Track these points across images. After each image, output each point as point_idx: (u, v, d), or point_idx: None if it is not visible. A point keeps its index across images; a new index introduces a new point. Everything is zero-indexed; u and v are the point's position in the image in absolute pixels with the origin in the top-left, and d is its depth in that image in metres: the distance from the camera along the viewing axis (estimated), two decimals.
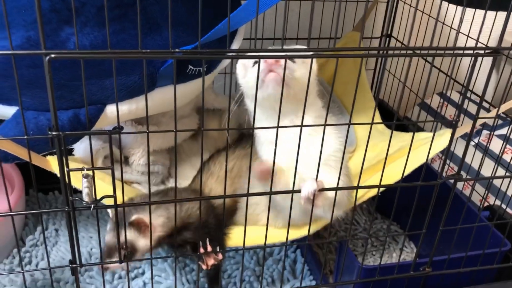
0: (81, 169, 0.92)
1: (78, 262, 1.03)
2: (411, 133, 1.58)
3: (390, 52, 1.04)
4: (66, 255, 1.82)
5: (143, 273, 1.75)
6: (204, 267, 1.24)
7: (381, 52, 1.49)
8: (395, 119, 1.09)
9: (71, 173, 1.16)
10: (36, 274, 1.70)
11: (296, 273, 1.78)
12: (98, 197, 0.94)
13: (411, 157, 1.11)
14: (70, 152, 1.52)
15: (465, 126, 1.20)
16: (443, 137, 1.25)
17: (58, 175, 1.13)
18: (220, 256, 1.21)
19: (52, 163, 1.21)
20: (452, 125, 1.12)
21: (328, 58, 1.91)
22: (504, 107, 1.20)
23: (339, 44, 2.06)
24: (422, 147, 1.30)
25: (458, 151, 1.87)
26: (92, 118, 1.15)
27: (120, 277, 1.73)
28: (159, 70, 1.17)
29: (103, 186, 1.20)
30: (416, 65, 2.01)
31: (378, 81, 2.22)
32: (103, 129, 1.51)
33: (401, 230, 1.97)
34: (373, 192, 1.32)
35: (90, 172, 0.93)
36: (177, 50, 0.88)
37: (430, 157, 1.21)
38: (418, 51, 1.03)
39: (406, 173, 1.16)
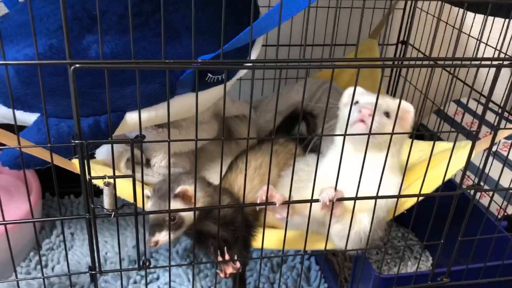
0: (103, 177, 0.92)
1: (97, 269, 1.03)
2: (430, 142, 1.58)
3: (412, 62, 1.03)
4: (82, 259, 1.84)
5: (157, 278, 1.76)
6: (222, 275, 1.25)
7: (403, 62, 1.47)
8: (415, 130, 1.08)
9: (94, 171, 1.18)
10: (52, 278, 1.72)
11: (310, 280, 1.78)
12: (119, 204, 0.95)
13: (433, 173, 1.11)
14: (92, 155, 1.53)
15: (485, 140, 1.19)
16: (464, 150, 1.23)
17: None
18: (238, 265, 1.21)
19: (77, 166, 1.22)
20: (473, 136, 1.11)
21: (349, 68, 1.90)
22: None
23: (354, 52, 2.04)
24: (443, 163, 1.27)
25: (476, 160, 1.86)
26: (112, 125, 1.16)
27: (135, 282, 1.74)
28: (179, 79, 1.17)
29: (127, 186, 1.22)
30: (433, 73, 2.00)
31: (397, 90, 2.20)
32: (125, 137, 1.53)
33: (416, 238, 1.96)
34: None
35: (111, 180, 0.94)
36: (199, 60, 0.88)
37: (452, 173, 1.21)
38: (440, 62, 1.02)
39: (428, 190, 1.17)
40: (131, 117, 1.20)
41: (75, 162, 1.23)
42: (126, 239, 1.93)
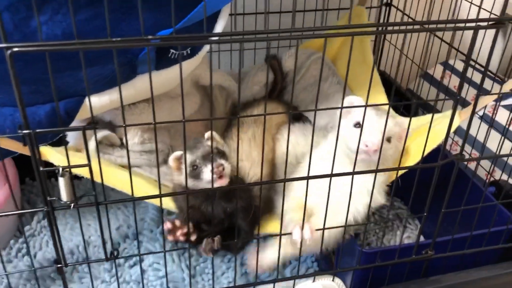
0: (56, 169, 0.87)
1: (63, 262, 0.99)
2: (420, 117, 1.52)
3: (390, 28, 0.97)
4: (63, 244, 1.79)
5: (142, 261, 1.72)
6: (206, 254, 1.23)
7: (380, 28, 1.40)
8: (391, 100, 1.02)
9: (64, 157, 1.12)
10: (35, 265, 1.69)
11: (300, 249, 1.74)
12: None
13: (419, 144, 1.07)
14: (63, 140, 1.46)
15: (467, 109, 1.13)
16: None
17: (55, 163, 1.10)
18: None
19: (46, 153, 1.17)
20: (454, 103, 1.05)
21: (341, 36, 1.81)
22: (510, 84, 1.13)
23: (344, 20, 1.95)
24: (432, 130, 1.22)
25: (464, 125, 1.80)
26: (71, 111, 1.10)
27: (119, 265, 1.71)
28: (138, 57, 1.10)
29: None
30: (418, 35, 1.91)
31: (382, 54, 2.12)
32: (78, 125, 1.46)
33: (405, 206, 1.92)
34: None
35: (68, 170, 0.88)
36: (150, 36, 0.81)
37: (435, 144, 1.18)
38: (417, 26, 0.95)
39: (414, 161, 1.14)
40: (91, 100, 1.13)
41: (42, 149, 1.17)
42: (110, 221, 1.89)
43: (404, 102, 1.11)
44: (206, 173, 1.13)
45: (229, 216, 1.24)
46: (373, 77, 1.71)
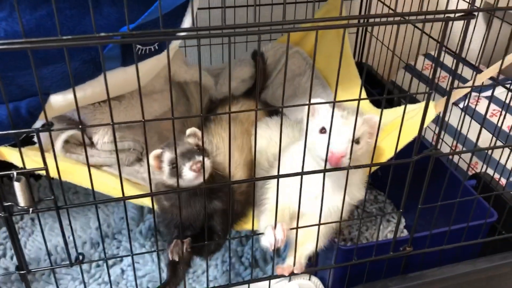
0: (10, 173, 0.83)
1: (25, 269, 0.96)
2: (396, 108, 1.50)
3: (371, 20, 0.93)
4: (43, 245, 1.76)
5: (121, 261, 1.70)
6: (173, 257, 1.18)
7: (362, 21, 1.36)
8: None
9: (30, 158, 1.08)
10: (11, 267, 1.66)
11: (279, 251, 1.72)
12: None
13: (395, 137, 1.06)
14: (31, 139, 1.42)
15: (441, 102, 1.10)
16: (429, 110, 1.14)
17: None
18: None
19: (5, 154, 1.13)
20: (426, 95, 1.02)
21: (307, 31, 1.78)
22: (486, 75, 1.10)
23: (320, 12, 1.91)
24: (408, 122, 1.19)
25: (452, 120, 1.77)
26: (34, 110, 1.06)
27: (98, 266, 1.68)
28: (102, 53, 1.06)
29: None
30: (398, 27, 1.88)
31: (364, 47, 2.09)
32: (66, 117, 1.42)
33: (389, 200, 1.90)
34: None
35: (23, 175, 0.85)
36: (102, 34, 0.77)
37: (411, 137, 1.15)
38: (392, 18, 0.92)
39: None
40: (56, 99, 1.10)
41: (2, 150, 1.14)
42: (89, 221, 1.86)
43: (372, 97, 1.07)
44: (186, 170, 1.09)
45: (207, 217, 1.20)
46: (351, 71, 1.69)
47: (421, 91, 1.75)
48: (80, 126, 0.83)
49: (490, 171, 1.55)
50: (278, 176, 1.01)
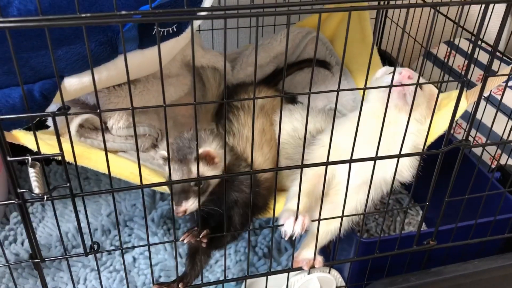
0: (25, 158, 0.79)
1: (38, 257, 0.92)
2: None
3: (392, 3, 0.88)
4: (53, 231, 1.74)
5: (132, 249, 1.67)
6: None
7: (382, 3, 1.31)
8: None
9: (43, 142, 1.05)
10: (22, 253, 1.63)
11: (295, 241, 1.69)
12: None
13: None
14: (44, 123, 1.38)
15: (473, 91, 1.05)
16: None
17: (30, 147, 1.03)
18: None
19: (20, 137, 1.09)
20: (461, 85, 0.97)
21: (338, 11, 1.71)
22: None
23: None
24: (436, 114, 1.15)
25: (470, 108, 1.72)
26: (48, 93, 1.02)
27: (109, 253, 1.65)
28: (119, 35, 1.02)
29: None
30: (421, 12, 1.82)
31: (384, 33, 2.02)
32: (79, 101, 1.38)
33: (406, 191, 1.85)
34: None
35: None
36: (124, 12, 0.73)
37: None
38: (421, 1, 0.86)
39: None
40: (70, 82, 1.05)
41: (15, 133, 1.09)
42: (100, 208, 1.83)
43: (404, 84, 1.02)
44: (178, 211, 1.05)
45: (228, 207, 1.16)
46: (373, 57, 1.63)
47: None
48: (98, 110, 0.78)
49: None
50: (302, 166, 0.97)
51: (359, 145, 0.97)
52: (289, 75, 1.78)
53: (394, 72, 0.98)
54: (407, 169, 1.16)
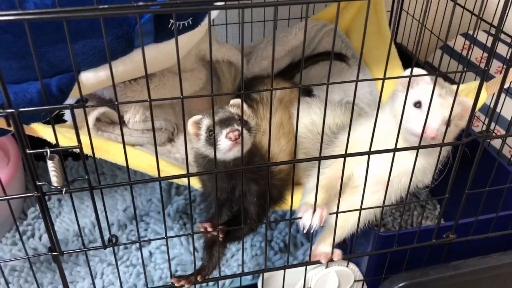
0: (43, 151, 0.80)
1: (57, 250, 0.93)
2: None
3: None
4: (70, 226, 1.75)
5: (149, 243, 1.67)
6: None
7: None
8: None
9: (61, 135, 1.05)
10: (40, 248, 1.65)
11: (313, 235, 1.68)
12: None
13: None
14: (61, 117, 1.38)
15: (494, 82, 1.03)
16: (474, 92, 1.06)
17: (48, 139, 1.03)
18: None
19: (39, 130, 1.10)
20: (482, 73, 0.95)
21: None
22: None
23: None
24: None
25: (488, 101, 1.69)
26: (65, 88, 1.02)
27: (126, 248, 1.66)
28: (135, 28, 1.01)
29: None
30: (438, 3, 1.79)
31: (399, 25, 1.99)
32: (96, 95, 1.38)
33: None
34: None
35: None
36: (141, 3, 0.73)
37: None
38: None
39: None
40: (86, 76, 1.06)
41: (34, 126, 1.10)
42: (116, 203, 1.84)
43: (425, 74, 0.99)
44: (222, 138, 1.00)
45: (244, 198, 1.15)
46: (390, 50, 1.61)
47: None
48: (116, 102, 0.78)
49: None
50: (319, 158, 0.96)
51: (376, 145, 0.98)
52: (305, 69, 1.77)
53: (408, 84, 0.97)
54: (427, 176, 1.16)
